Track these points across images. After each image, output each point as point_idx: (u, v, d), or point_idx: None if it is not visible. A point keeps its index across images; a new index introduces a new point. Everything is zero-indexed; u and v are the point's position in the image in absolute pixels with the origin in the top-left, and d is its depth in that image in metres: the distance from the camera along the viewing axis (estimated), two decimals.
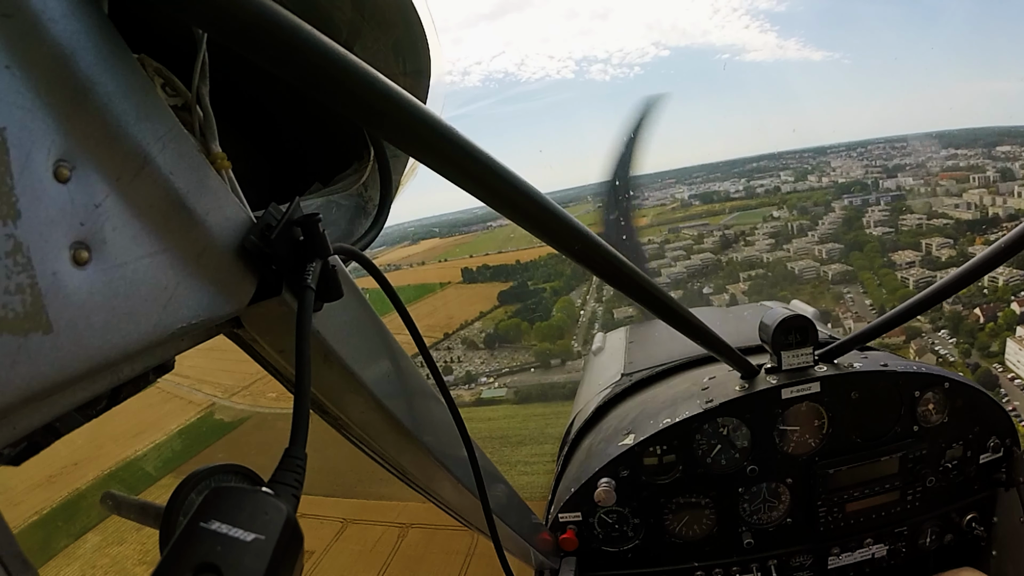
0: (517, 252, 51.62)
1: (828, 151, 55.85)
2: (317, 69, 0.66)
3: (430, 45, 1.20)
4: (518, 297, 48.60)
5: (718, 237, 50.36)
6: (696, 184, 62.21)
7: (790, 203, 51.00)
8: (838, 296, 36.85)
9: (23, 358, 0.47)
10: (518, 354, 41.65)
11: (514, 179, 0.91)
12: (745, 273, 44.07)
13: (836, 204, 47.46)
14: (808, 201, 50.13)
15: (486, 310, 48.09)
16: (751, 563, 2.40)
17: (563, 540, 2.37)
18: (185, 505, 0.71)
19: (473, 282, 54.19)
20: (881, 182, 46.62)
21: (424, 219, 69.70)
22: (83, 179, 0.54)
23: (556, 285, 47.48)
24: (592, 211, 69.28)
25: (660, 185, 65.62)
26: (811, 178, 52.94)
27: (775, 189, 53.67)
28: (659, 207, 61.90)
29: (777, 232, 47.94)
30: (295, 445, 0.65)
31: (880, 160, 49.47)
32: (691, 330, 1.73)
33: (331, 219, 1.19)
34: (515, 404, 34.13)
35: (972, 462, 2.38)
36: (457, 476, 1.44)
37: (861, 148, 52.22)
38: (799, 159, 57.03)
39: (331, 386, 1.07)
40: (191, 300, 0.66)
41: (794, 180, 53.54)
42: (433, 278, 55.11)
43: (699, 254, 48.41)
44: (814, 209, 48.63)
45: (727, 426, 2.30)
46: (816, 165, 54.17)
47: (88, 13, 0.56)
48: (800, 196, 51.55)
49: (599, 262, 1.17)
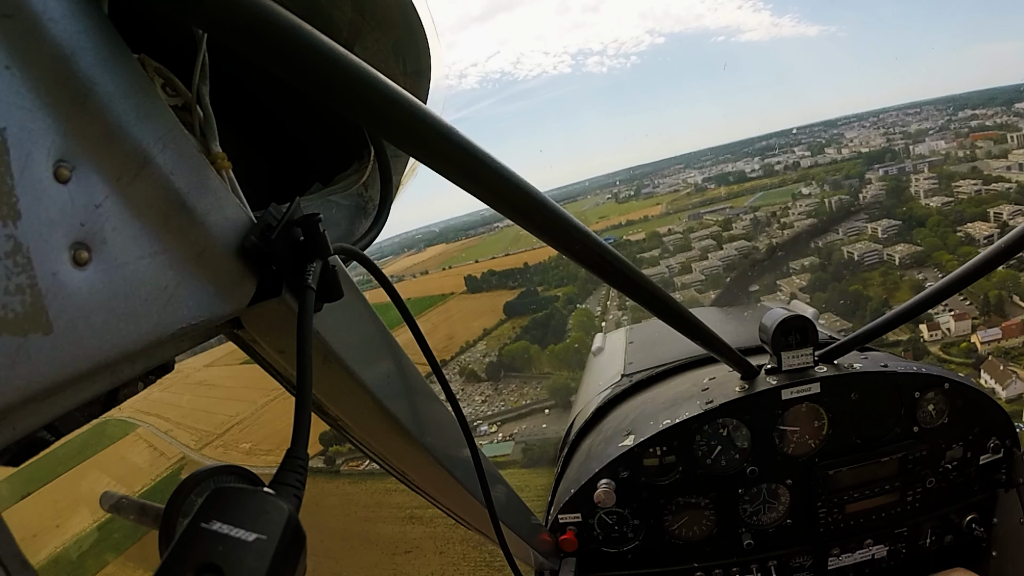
0: (525, 253, 47.64)
1: (839, 123, 54.58)
2: (317, 69, 0.66)
3: (430, 45, 1.20)
4: (527, 308, 41.89)
5: (748, 221, 45.11)
6: (706, 167, 60.57)
7: (817, 177, 47.30)
8: (916, 286, 30.37)
9: (23, 358, 0.47)
10: (528, 387, 34.41)
11: (514, 179, 0.91)
12: (797, 263, 37.65)
13: (870, 175, 43.76)
14: (838, 174, 46.31)
15: (491, 326, 41.65)
16: (751, 564, 2.40)
17: (563, 541, 2.37)
18: (185, 506, 0.71)
19: (478, 291, 49.09)
20: (912, 148, 43.55)
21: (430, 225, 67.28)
22: (83, 179, 0.54)
23: (570, 291, 40.96)
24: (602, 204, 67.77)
25: (669, 171, 64.41)
26: (829, 151, 50.63)
27: (794, 165, 50.39)
28: (672, 194, 60.05)
29: (814, 210, 42.83)
30: (297, 445, 0.65)
31: (898, 127, 47.41)
32: (691, 330, 1.73)
33: (331, 219, 1.19)
34: (524, 468, 25.28)
35: (972, 463, 2.38)
36: (458, 477, 1.44)
37: (873, 117, 50.98)
38: (810, 134, 55.48)
39: (331, 387, 1.07)
40: (191, 300, 0.66)
41: (811, 154, 51.37)
42: (436, 288, 50.90)
43: (731, 242, 42.20)
44: (846, 182, 44.81)
45: (727, 427, 2.30)
46: (830, 138, 52.34)
47: (88, 13, 0.56)
48: (825, 169, 47.56)
49: (599, 262, 1.17)
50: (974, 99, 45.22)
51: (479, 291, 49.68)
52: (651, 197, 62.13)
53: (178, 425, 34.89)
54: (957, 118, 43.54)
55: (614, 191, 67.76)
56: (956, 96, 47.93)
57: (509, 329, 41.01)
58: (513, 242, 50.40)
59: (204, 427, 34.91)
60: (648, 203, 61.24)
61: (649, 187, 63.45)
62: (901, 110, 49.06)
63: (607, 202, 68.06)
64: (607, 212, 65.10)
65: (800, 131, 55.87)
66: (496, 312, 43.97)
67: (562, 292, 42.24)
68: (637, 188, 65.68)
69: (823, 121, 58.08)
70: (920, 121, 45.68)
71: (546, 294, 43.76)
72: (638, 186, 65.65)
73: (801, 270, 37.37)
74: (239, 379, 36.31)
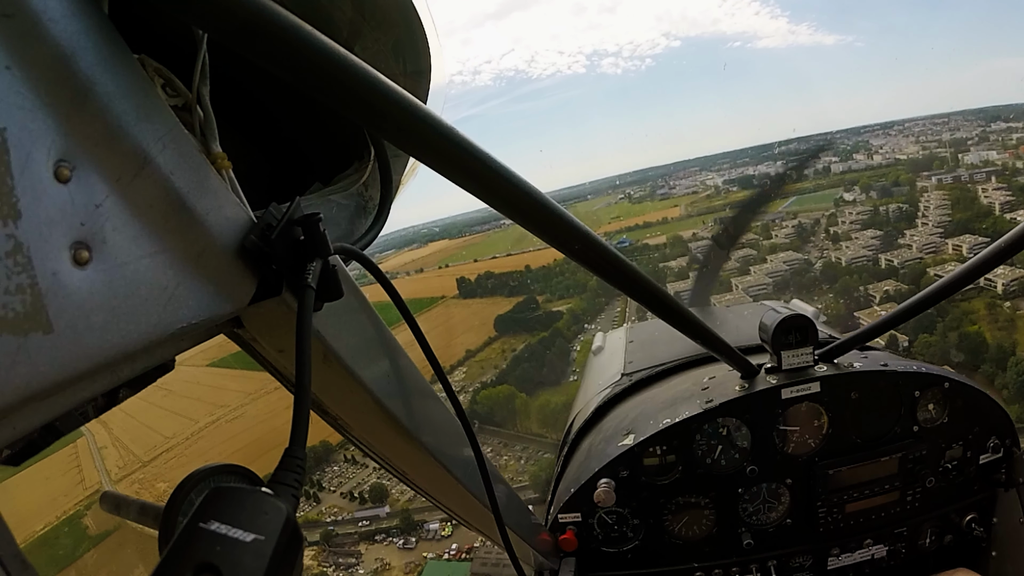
0: (527, 255, 43.09)
1: (862, 131, 53.49)
2: (317, 69, 0.66)
3: (430, 45, 1.21)
4: (522, 324, 32.22)
5: (791, 228, 38.67)
6: (724, 170, 58.72)
7: (861, 183, 43.61)
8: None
9: (23, 358, 0.47)
10: (507, 454, 24.09)
11: (514, 178, 0.91)
12: (873, 287, 29.38)
13: (921, 183, 40.10)
14: (882, 180, 42.59)
15: (476, 346, 33.08)
16: (751, 563, 2.40)
17: (563, 541, 2.37)
18: (184, 505, 0.71)
19: (471, 296, 42.62)
20: (961, 157, 40.83)
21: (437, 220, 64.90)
22: (83, 179, 0.54)
23: (576, 306, 32.09)
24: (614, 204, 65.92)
25: (684, 174, 62.98)
26: (858, 156, 48.63)
27: (824, 169, 47.50)
28: (690, 195, 57.94)
29: (868, 219, 37.28)
30: (295, 445, 0.65)
31: (928, 136, 45.22)
32: (691, 330, 1.73)
33: (331, 219, 1.19)
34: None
35: (972, 462, 2.38)
36: (459, 477, 1.44)
37: (898, 126, 50.01)
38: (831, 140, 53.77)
39: (331, 386, 1.07)
40: (191, 300, 0.66)
41: (840, 159, 49.23)
42: (427, 290, 45.80)
43: (774, 252, 35.24)
44: (895, 189, 40.88)
45: (727, 426, 2.30)
46: (855, 145, 50.74)
47: (88, 13, 0.56)
48: (868, 175, 43.75)
49: (599, 261, 1.17)
50: (1005, 112, 44.15)
51: (472, 296, 43.40)
52: (668, 198, 60.85)
53: (116, 441, 31.31)
54: (992, 129, 42.10)
55: (627, 191, 66.37)
56: (985, 108, 47.28)
57: (498, 351, 33.05)
58: (517, 241, 46.47)
59: (137, 448, 30.97)
60: (664, 204, 59.72)
61: (664, 188, 62.41)
62: (928, 120, 48.06)
63: (620, 202, 66.62)
64: (620, 212, 63.18)
65: (818, 137, 54.70)
66: (485, 326, 36.52)
67: (567, 307, 34.44)
68: (651, 189, 64.81)
69: (845, 129, 57.33)
70: (950, 131, 44.59)
71: (548, 306, 36.10)
72: (652, 187, 64.74)
73: (885, 297, 29.63)
74: (197, 385, 32.92)
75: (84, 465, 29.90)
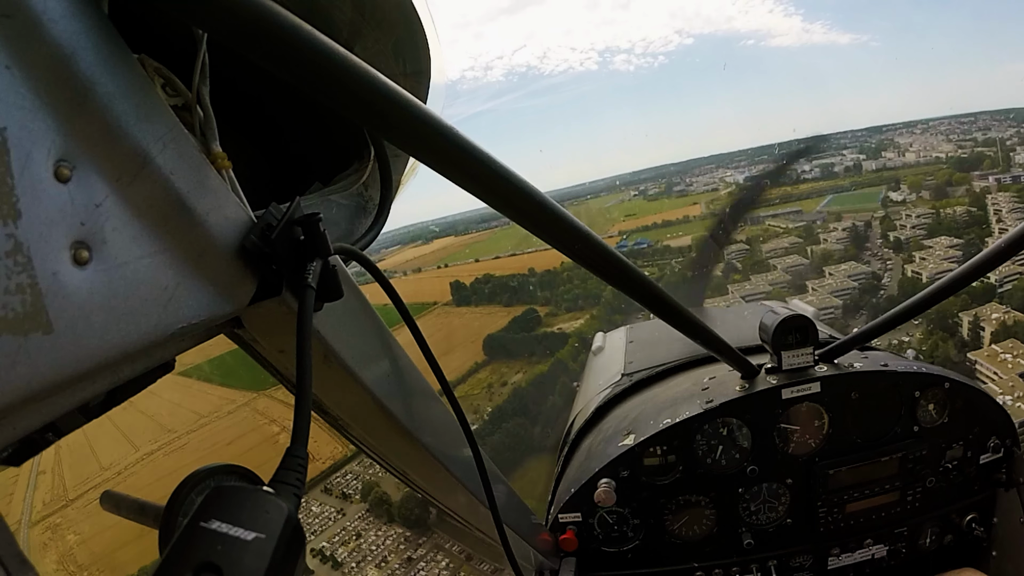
0: (531, 256, 40.06)
1: (884, 129, 52.27)
2: (317, 69, 0.66)
3: (430, 45, 1.21)
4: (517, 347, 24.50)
5: (842, 232, 33.40)
6: (743, 168, 56.83)
7: (909, 182, 39.90)
8: None
9: (23, 358, 0.47)
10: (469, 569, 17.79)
11: (514, 178, 0.91)
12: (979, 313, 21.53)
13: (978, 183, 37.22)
14: (935, 179, 39.33)
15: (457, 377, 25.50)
16: (751, 563, 2.40)
17: (563, 540, 2.37)
18: (185, 505, 0.71)
19: (465, 304, 37.45)
20: (1013, 156, 38.65)
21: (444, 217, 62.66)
22: (83, 179, 0.54)
23: (587, 327, 23.77)
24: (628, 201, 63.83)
25: (700, 171, 61.34)
26: (887, 154, 46.16)
27: (855, 167, 45.00)
28: (710, 193, 55.44)
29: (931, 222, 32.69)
30: (296, 444, 0.65)
31: (958, 135, 42.81)
32: (691, 330, 1.73)
33: (331, 219, 1.19)
34: None
35: (972, 462, 2.38)
36: (458, 477, 1.44)
37: (921, 125, 48.75)
38: (853, 138, 52.19)
39: (331, 386, 1.07)
40: (191, 300, 0.66)
41: (867, 157, 46.49)
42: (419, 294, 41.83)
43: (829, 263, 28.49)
44: (949, 188, 37.73)
45: (727, 426, 2.30)
46: (879, 143, 49.18)
47: (88, 13, 0.56)
48: (912, 174, 40.54)
49: (599, 262, 1.17)
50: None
51: (467, 304, 38.30)
52: (685, 195, 59.11)
53: (55, 467, 26.46)
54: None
55: (641, 188, 64.27)
56: (1016, 108, 46.45)
57: (483, 385, 25.53)
58: (522, 241, 42.96)
59: (69, 478, 26.03)
60: (681, 202, 57.23)
61: (681, 185, 60.89)
62: (953, 119, 46.68)
63: (634, 199, 64.59)
64: (635, 210, 60.90)
65: (840, 136, 53.52)
66: (475, 346, 29.66)
67: (574, 326, 26.80)
68: (667, 186, 63.31)
69: (867, 127, 56.04)
70: (981, 131, 43.42)
71: (551, 323, 29.15)
72: (668, 184, 63.32)
73: (1000, 329, 21.79)
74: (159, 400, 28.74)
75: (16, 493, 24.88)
